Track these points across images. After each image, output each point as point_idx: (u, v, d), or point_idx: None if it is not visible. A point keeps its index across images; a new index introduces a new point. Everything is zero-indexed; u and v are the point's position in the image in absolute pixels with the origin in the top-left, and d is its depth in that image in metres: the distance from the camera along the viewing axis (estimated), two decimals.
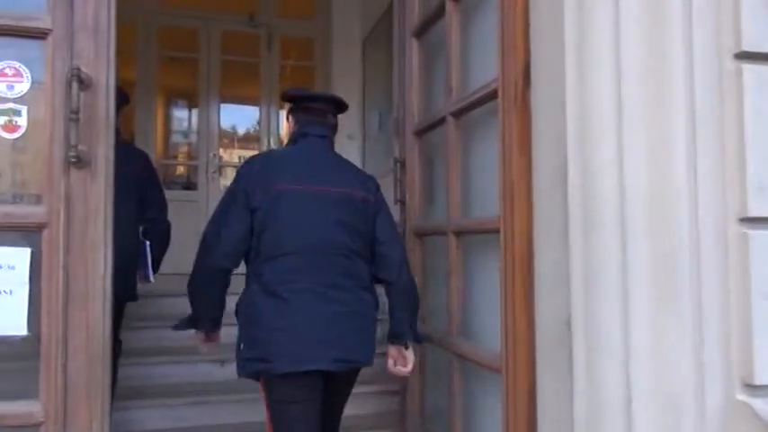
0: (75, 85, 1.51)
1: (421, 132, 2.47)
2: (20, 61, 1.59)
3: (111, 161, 1.58)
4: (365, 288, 2.05)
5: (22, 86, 1.60)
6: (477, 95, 1.97)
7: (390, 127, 5.29)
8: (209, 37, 6.26)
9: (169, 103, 7.63)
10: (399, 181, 2.55)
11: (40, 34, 1.59)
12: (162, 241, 3.12)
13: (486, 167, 1.99)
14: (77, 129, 1.51)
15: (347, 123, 6.28)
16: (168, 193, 5.27)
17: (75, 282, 1.52)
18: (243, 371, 1.96)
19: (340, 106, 2.29)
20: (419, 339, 2.13)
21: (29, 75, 1.61)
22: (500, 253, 1.73)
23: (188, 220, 5.95)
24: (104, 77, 1.59)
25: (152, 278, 3.11)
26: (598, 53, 1.43)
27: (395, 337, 2.09)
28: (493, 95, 1.83)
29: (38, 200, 1.58)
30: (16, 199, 1.60)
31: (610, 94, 1.42)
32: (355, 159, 6.28)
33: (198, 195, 6.11)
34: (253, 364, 1.93)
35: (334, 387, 2.07)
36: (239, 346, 1.98)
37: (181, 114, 7.87)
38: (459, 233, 2.13)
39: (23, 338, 1.49)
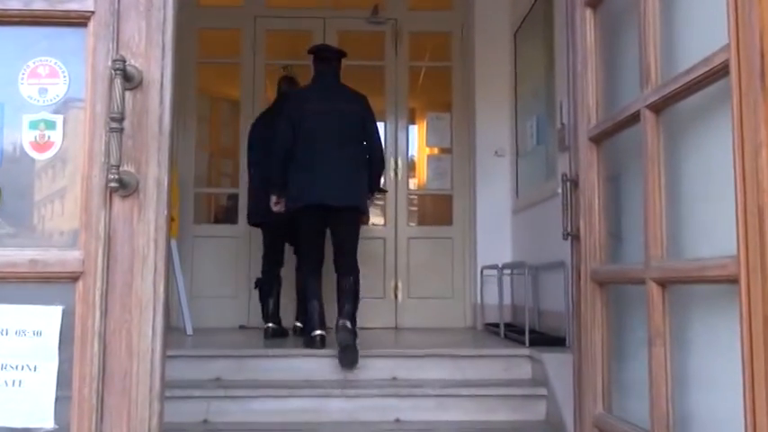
0: (118, 83, 1.36)
1: (601, 137, 2.21)
2: (55, 57, 1.45)
3: (164, 186, 1.41)
4: (359, 161, 4.47)
5: (58, 90, 1.47)
6: (691, 77, 1.65)
7: (553, 137, 4.97)
8: (325, 39, 6.26)
9: None
10: (569, 206, 2.33)
11: (80, 20, 1.46)
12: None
13: (708, 182, 1.71)
14: (120, 142, 1.36)
15: (494, 137, 6.05)
16: None
17: (115, 355, 1.34)
18: (287, 208, 4.47)
19: (341, 53, 4.78)
20: (381, 191, 5.36)
21: (67, 74, 1.49)
22: (739, 314, 1.39)
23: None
24: (158, 72, 1.44)
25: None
26: None
27: (369, 189, 4.58)
28: (719, 73, 1.52)
29: (73, 240, 1.43)
30: (46, 240, 1.45)
31: None
32: (505, 179, 6.02)
33: None
34: (289, 203, 4.44)
35: (337, 219, 4.40)
36: (287, 197, 4.48)
37: None
38: (664, 282, 1.82)
39: None
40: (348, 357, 4.01)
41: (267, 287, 5.32)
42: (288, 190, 4.44)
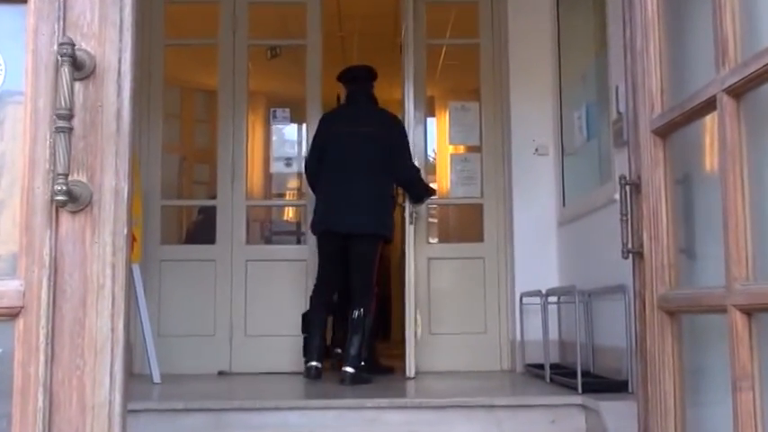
0: (65, 72, 1.37)
1: (667, 129, 2.23)
2: None
3: (124, 199, 1.43)
4: (382, 188, 5.44)
5: None
6: None
7: (607, 131, 4.98)
8: (322, 12, 6.30)
9: (268, 116, 7.83)
10: (630, 216, 2.35)
11: None
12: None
13: None
14: (69, 144, 1.37)
15: (533, 131, 6.06)
16: (270, 249, 5.72)
17: (64, 410, 1.34)
18: (312, 230, 5.65)
19: (371, 73, 5.70)
20: (425, 198, 5.86)
21: (2, 63, 1.53)
22: None
23: (297, 286, 5.95)
24: (115, 56, 1.46)
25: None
26: None
27: (411, 201, 5.69)
28: None
29: (11, 268, 1.46)
30: None
31: None
32: (548, 184, 6.03)
33: (309, 251, 6.06)
34: (313, 227, 5.58)
35: (352, 245, 5.35)
36: (312, 221, 5.66)
37: (285, 133, 8.03)
38: (751, 309, 1.81)
39: None
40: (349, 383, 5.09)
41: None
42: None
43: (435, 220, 7.02)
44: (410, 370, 5.47)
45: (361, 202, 5.29)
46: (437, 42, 6.71)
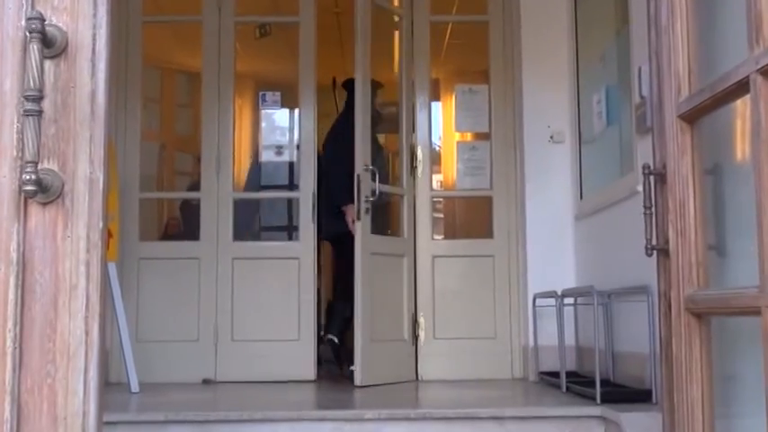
0: (34, 49, 1.38)
1: (696, 114, 2.24)
2: None
3: (99, 189, 1.44)
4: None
5: None
6: None
7: (629, 116, 4.97)
8: None
9: (256, 100, 7.84)
10: (655, 209, 2.38)
11: None
12: None
13: None
14: (38, 129, 1.38)
15: (548, 117, 6.06)
16: (259, 246, 7.12)
17: (33, 421, 1.36)
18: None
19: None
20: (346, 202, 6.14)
21: None
22: None
23: (289, 286, 5.95)
24: (89, 32, 1.47)
25: None
26: None
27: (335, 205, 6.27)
28: None
29: None
30: None
31: None
32: (564, 175, 6.03)
33: (301, 248, 6.07)
34: None
35: (337, 248, 6.79)
36: None
37: (276, 118, 8.03)
38: None
39: None
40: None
41: None
42: None
43: (440, 215, 7.02)
44: (358, 378, 5.39)
45: (330, 206, 6.08)
46: (442, 19, 6.69)
